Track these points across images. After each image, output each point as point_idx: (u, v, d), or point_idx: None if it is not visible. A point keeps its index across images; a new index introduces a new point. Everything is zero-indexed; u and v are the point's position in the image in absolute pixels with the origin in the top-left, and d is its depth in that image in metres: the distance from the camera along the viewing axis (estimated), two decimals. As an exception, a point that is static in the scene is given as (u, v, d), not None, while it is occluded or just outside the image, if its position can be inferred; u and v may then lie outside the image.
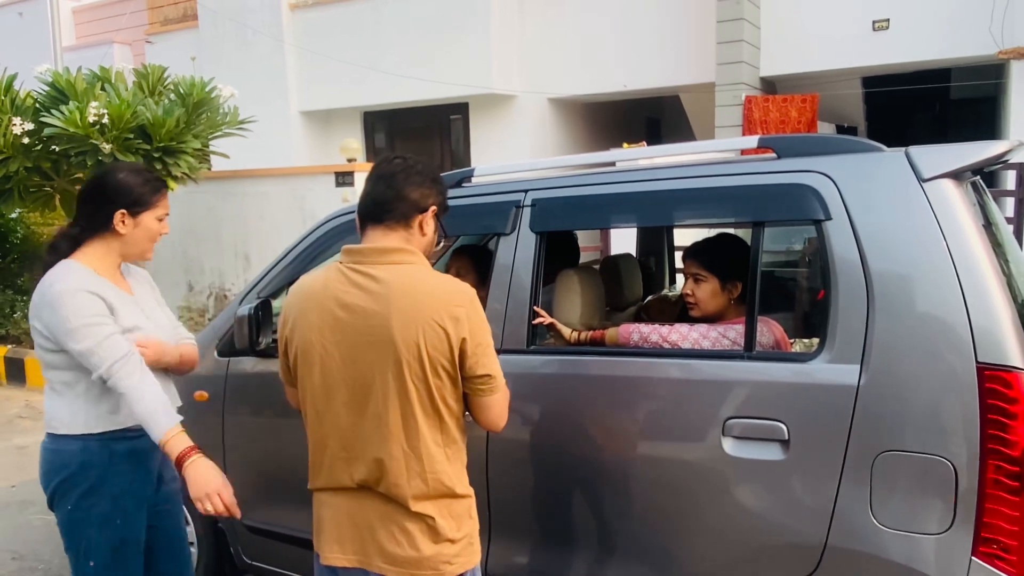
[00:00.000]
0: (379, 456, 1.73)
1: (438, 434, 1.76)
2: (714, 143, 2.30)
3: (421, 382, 1.69)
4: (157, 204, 2.18)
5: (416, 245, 1.80)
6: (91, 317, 2.02)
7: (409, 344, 1.67)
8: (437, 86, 9.72)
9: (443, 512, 1.78)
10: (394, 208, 1.77)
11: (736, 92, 8.56)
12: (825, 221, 1.99)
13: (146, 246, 2.21)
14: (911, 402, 1.85)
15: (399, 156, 1.84)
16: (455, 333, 1.68)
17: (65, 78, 6.34)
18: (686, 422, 2.11)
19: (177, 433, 2.00)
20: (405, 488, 1.73)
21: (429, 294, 1.70)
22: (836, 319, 1.96)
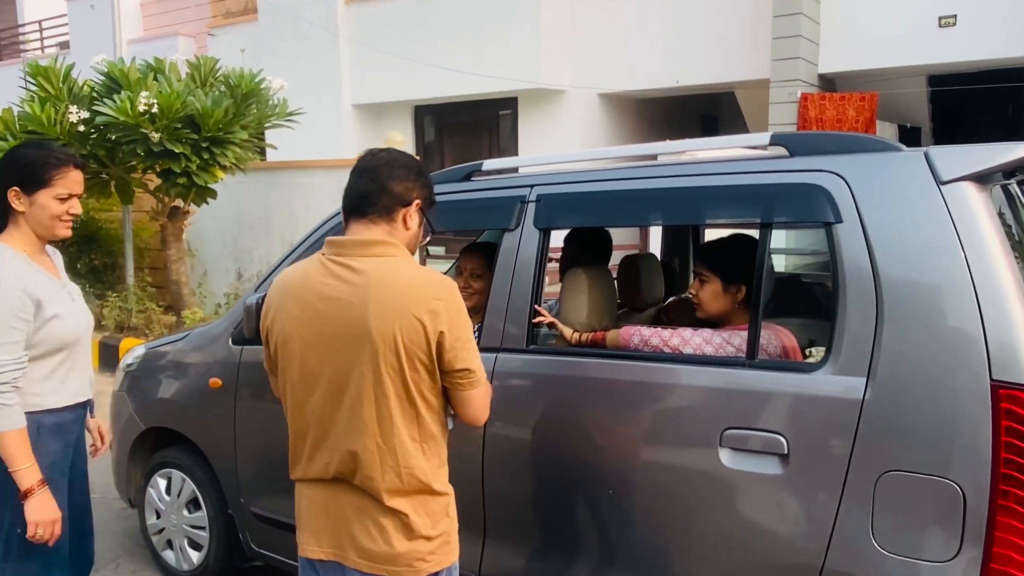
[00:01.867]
0: (353, 448, 1.71)
1: (414, 428, 1.73)
2: (726, 139, 2.19)
3: (397, 375, 1.67)
4: (54, 182, 2.08)
5: (400, 239, 1.77)
6: (10, 319, 2.01)
7: (385, 336, 1.64)
8: (487, 80, 9.70)
9: (418, 509, 1.75)
10: (377, 201, 1.74)
11: (792, 89, 8.29)
12: (835, 224, 1.87)
13: (50, 225, 2.11)
14: (919, 419, 1.73)
15: (383, 150, 1.81)
16: (432, 326, 1.65)
17: (119, 68, 6.52)
18: (683, 430, 2.03)
19: (32, 465, 2.04)
20: (379, 482, 1.71)
21: (407, 286, 1.67)
22: (843, 328, 1.84)
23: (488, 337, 2.37)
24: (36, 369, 2.12)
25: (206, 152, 6.62)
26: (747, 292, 2.21)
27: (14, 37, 17.17)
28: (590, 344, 2.33)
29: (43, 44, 16.06)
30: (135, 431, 3.37)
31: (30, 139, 6.31)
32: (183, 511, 3.24)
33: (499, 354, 2.33)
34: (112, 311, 7.67)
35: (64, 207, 2.12)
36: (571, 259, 2.97)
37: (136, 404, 3.36)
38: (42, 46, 15.98)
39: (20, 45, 16.90)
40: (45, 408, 2.15)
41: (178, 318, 7.48)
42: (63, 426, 2.22)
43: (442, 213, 2.59)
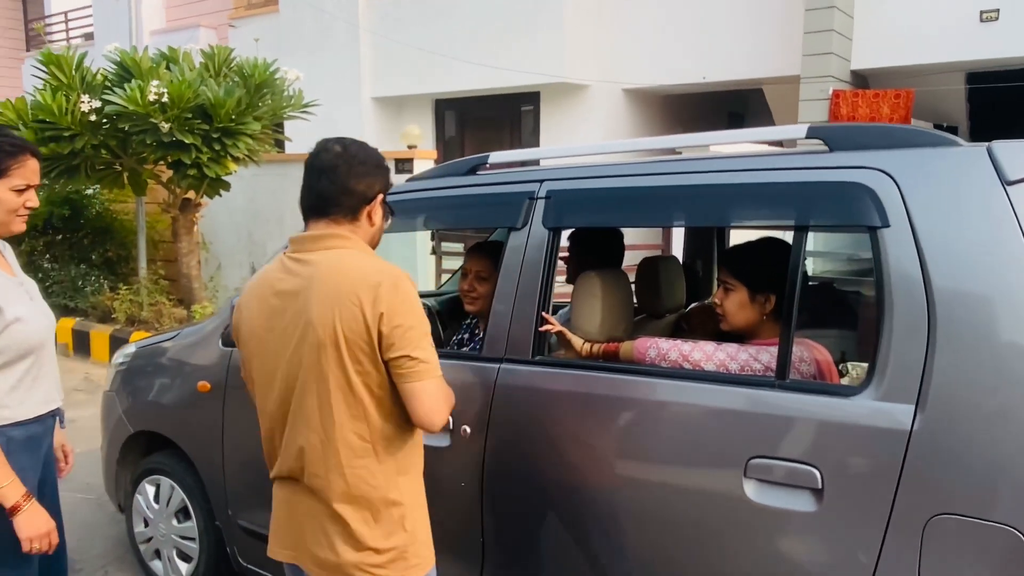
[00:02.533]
0: (300, 444, 1.66)
1: (362, 426, 1.63)
2: (757, 131, 1.96)
3: (338, 366, 1.59)
4: (11, 172, 1.91)
5: (364, 235, 1.73)
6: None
7: (326, 326, 1.58)
8: (509, 74, 9.48)
9: (367, 517, 1.64)
10: (340, 203, 1.68)
11: (823, 85, 7.98)
12: (881, 228, 1.64)
13: (5, 220, 1.95)
14: (976, 456, 1.50)
15: (336, 142, 1.71)
16: (371, 312, 1.56)
17: (131, 57, 6.39)
18: (703, 457, 1.80)
19: (13, 480, 1.91)
20: (324, 482, 1.65)
21: (349, 274, 1.60)
22: (888, 348, 1.61)
23: (491, 346, 2.16)
24: (1, 379, 1.95)
25: (217, 143, 6.48)
26: (777, 302, 1.98)
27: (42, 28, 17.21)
28: (602, 356, 2.11)
29: (68, 35, 16.09)
30: (124, 434, 3.21)
31: (41, 128, 6.21)
32: (172, 520, 3.07)
33: (502, 364, 2.13)
34: (123, 304, 7.57)
35: (21, 200, 1.95)
36: (578, 261, 2.75)
37: (125, 405, 3.20)
38: (67, 37, 16.00)
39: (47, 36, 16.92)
40: (14, 421, 1.98)
41: (188, 312, 7.36)
42: (34, 439, 2.05)
43: (444, 210, 2.41)
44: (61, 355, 7.88)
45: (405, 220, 2.34)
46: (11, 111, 6.31)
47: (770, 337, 1.99)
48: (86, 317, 8.06)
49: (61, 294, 8.14)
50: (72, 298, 8.16)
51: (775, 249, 2.02)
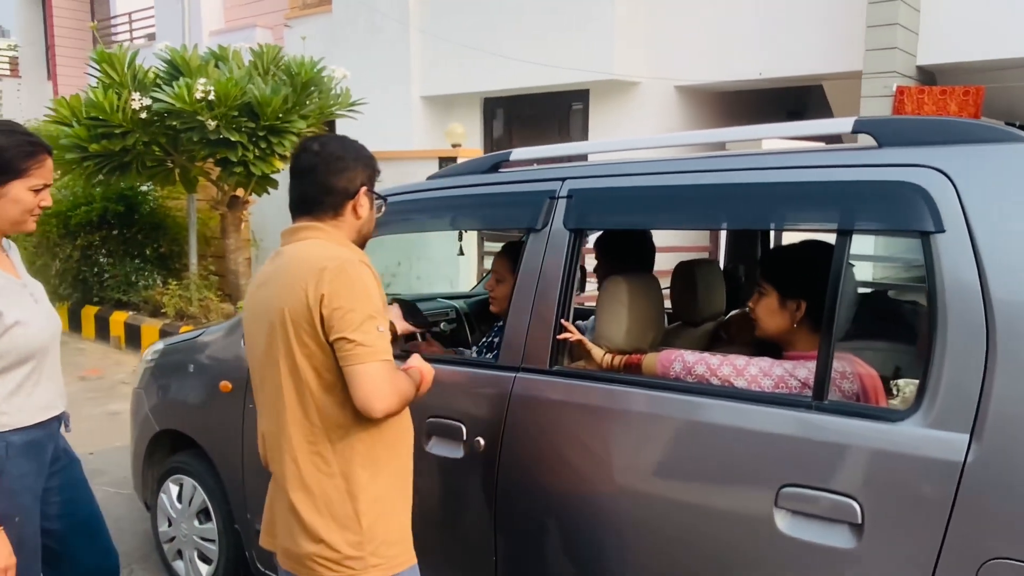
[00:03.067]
0: (263, 431, 1.75)
1: (312, 410, 1.63)
2: (798, 125, 1.79)
3: (286, 350, 1.62)
4: (30, 172, 1.86)
5: (351, 229, 1.75)
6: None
7: (279, 311, 1.62)
8: (557, 72, 9.34)
9: (318, 506, 1.62)
10: (322, 202, 1.72)
11: (887, 82, 7.61)
12: (934, 233, 1.46)
13: (18, 219, 1.90)
14: (1042, 495, 1.31)
15: (315, 141, 1.74)
16: (314, 294, 1.57)
17: (180, 55, 6.46)
18: (729, 483, 1.65)
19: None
20: (279, 467, 1.68)
21: (303, 261, 1.63)
22: (940, 368, 1.44)
23: (507, 354, 2.04)
24: (0, 384, 1.89)
25: (264, 141, 6.51)
26: (809, 309, 1.81)
27: (107, 29, 17.77)
28: (623, 369, 1.97)
29: (132, 35, 16.55)
30: (150, 432, 3.19)
31: (93, 125, 6.33)
32: (194, 521, 3.03)
33: (518, 374, 2.00)
34: (172, 299, 7.69)
35: (37, 199, 1.90)
36: (605, 265, 2.60)
37: (152, 403, 3.18)
38: (131, 37, 16.46)
39: (112, 36, 17.46)
40: (13, 427, 1.92)
41: (235, 307, 7.43)
42: (35, 444, 1.98)
43: (462, 209, 2.29)
44: (114, 348, 8.06)
45: (420, 220, 2.24)
46: (66, 108, 6.44)
47: (807, 348, 1.82)
48: (138, 311, 8.22)
49: (115, 288, 8.32)
50: (125, 292, 8.33)
51: (813, 253, 1.84)
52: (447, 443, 2.09)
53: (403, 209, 2.25)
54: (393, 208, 2.16)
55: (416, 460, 1.82)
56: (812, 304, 1.79)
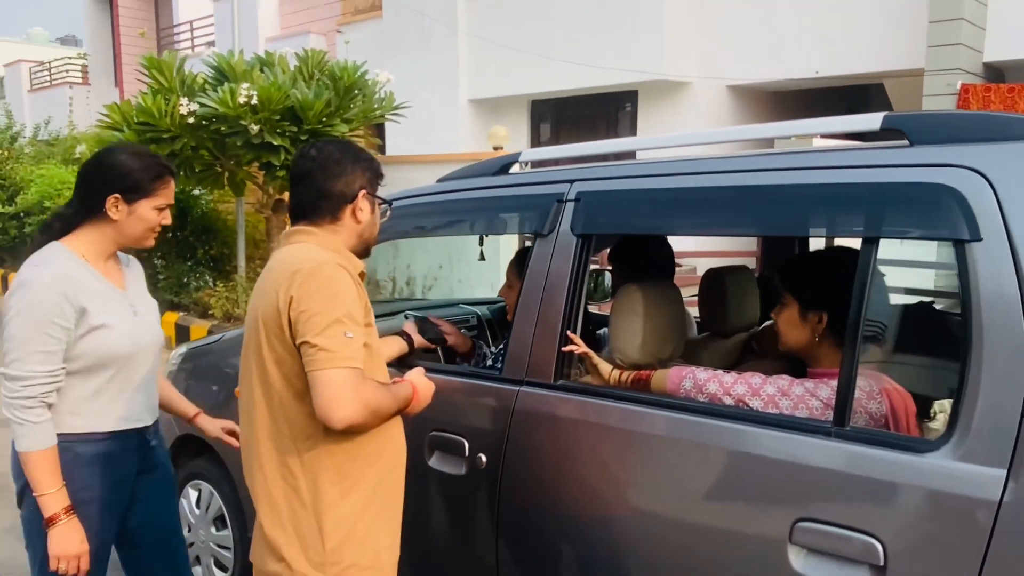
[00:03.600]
0: (240, 439, 1.71)
1: (279, 417, 1.57)
2: (825, 122, 1.64)
3: (257, 354, 1.58)
4: (157, 192, 1.93)
5: (351, 234, 1.70)
6: (44, 325, 1.80)
7: (254, 315, 1.59)
8: (605, 73, 9.19)
9: (283, 522, 1.56)
10: (320, 207, 1.67)
11: (951, 79, 7.25)
12: (970, 241, 1.30)
13: (141, 235, 1.97)
14: (1091, 544, 1.14)
15: (313, 147, 1.69)
16: (284, 296, 1.52)
17: (226, 60, 6.55)
18: (740, 514, 1.50)
19: (58, 490, 1.83)
20: (250, 477, 1.63)
21: (283, 263, 1.58)
22: (975, 393, 1.27)
23: (511, 367, 1.93)
24: (78, 386, 1.89)
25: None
26: (832, 322, 1.65)
27: (170, 36, 18.31)
28: (631, 385, 1.83)
29: (193, 43, 17.00)
30: (172, 436, 3.17)
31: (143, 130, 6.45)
32: (211, 528, 3.00)
33: (522, 388, 1.89)
34: (219, 301, 7.80)
35: (159, 218, 1.97)
36: (619, 272, 2.47)
37: (173, 408, 3.17)
38: (192, 45, 16.91)
39: (175, 44, 17.99)
40: (84, 431, 1.91)
41: (279, 310, 7.49)
42: (107, 456, 1.96)
43: (467, 213, 2.19)
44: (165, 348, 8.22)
45: (425, 225, 2.15)
46: (117, 114, 6.59)
47: (832, 364, 1.66)
48: (188, 312, 8.37)
49: (168, 290, 8.50)
50: (177, 294, 8.50)
51: (836, 260, 1.68)
52: (449, 458, 1.99)
53: (408, 213, 2.17)
54: (398, 213, 2.08)
55: (418, 475, 1.74)
56: (835, 316, 1.63)
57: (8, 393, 1.79)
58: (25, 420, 1.79)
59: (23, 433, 1.80)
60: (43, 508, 1.81)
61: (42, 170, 11.17)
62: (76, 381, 1.88)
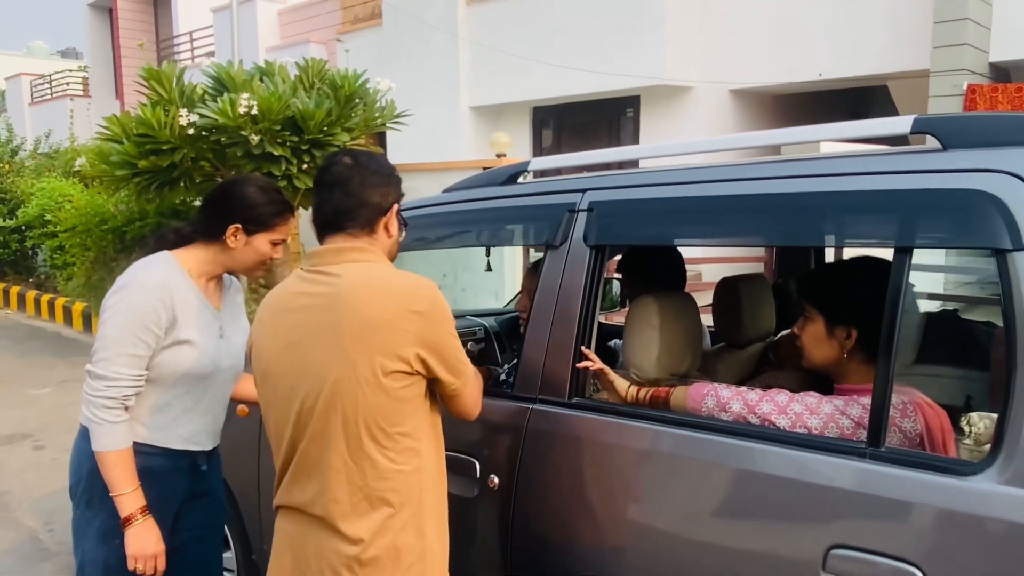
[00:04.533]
0: (321, 468, 1.51)
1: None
2: (850, 126, 1.57)
3: (368, 385, 1.45)
4: (276, 228, 1.98)
5: (381, 248, 1.61)
6: (138, 328, 1.81)
7: (360, 346, 1.45)
8: (607, 78, 9.14)
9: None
10: (357, 216, 1.57)
11: (956, 80, 7.18)
12: (1011, 251, 1.23)
13: (252, 266, 2.00)
14: None
15: (345, 154, 1.61)
16: (414, 338, 1.46)
17: (226, 70, 6.50)
18: (769, 540, 1.43)
19: (134, 489, 1.84)
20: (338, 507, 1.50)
21: (384, 293, 1.49)
22: (1021, 412, 1.19)
23: (523, 383, 1.86)
24: (149, 396, 1.89)
25: (307, 155, 6.49)
26: (861, 337, 1.58)
27: (170, 47, 18.31)
28: (649, 402, 1.76)
29: (193, 53, 16.98)
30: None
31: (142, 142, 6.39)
32: (213, 548, 2.93)
33: (534, 406, 1.82)
34: (221, 313, 7.75)
35: (272, 251, 2.00)
36: (630, 284, 2.39)
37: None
38: (192, 55, 16.89)
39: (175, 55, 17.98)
40: (142, 442, 1.89)
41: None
42: (158, 472, 1.93)
43: (475, 224, 2.13)
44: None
45: (431, 237, 2.08)
46: (116, 125, 6.53)
47: (861, 381, 1.58)
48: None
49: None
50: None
51: (865, 272, 1.61)
52: (459, 480, 1.92)
53: (414, 225, 2.10)
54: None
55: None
56: (865, 332, 1.56)
57: (91, 391, 1.81)
58: (104, 420, 1.80)
59: (101, 432, 1.81)
60: (120, 508, 1.82)
61: (43, 183, 11.13)
62: (147, 390, 1.88)
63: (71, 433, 2.01)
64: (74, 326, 9.89)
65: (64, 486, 2.05)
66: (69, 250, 9.34)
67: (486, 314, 3.37)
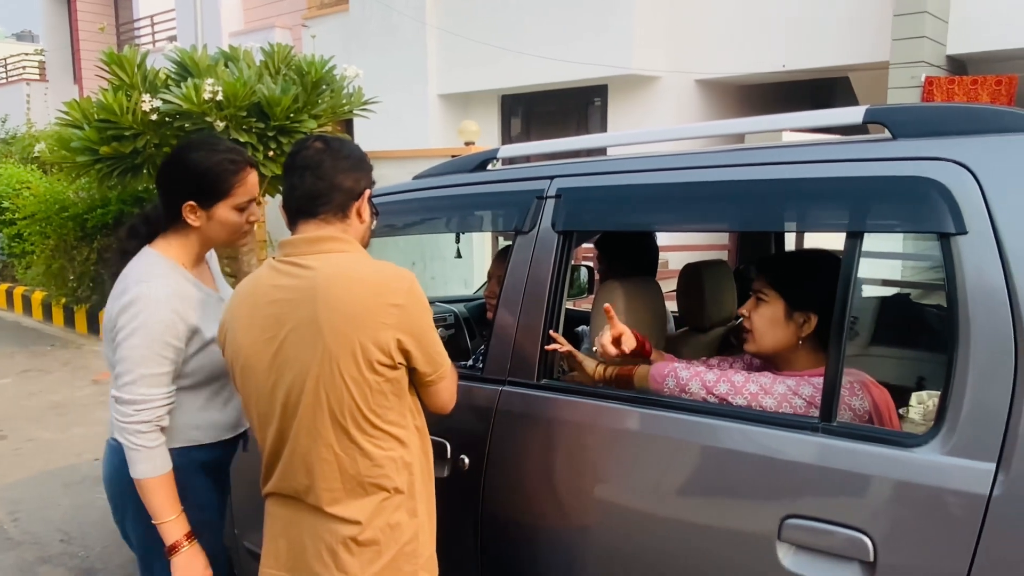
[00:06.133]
0: (309, 459, 1.52)
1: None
2: (804, 116, 1.63)
3: (353, 381, 1.47)
4: (234, 191, 1.77)
5: (355, 234, 1.60)
6: (159, 347, 1.70)
7: (340, 338, 1.45)
8: (575, 67, 9.18)
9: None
10: (330, 200, 1.56)
11: (915, 72, 7.35)
12: (955, 235, 1.30)
13: (228, 239, 1.85)
14: (1081, 536, 1.15)
15: (317, 139, 1.60)
16: (392, 332, 1.46)
17: (189, 55, 6.41)
18: (727, 512, 1.49)
19: (178, 516, 1.73)
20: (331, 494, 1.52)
21: (361, 283, 1.48)
22: (962, 387, 1.27)
23: (493, 366, 1.90)
24: (190, 400, 1.82)
25: (274, 142, 6.43)
26: (819, 326, 1.65)
27: (130, 32, 17.93)
28: (615, 382, 1.81)
29: (155, 38, 16.66)
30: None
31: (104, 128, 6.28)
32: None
33: (504, 388, 1.86)
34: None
35: (243, 217, 1.82)
36: (604, 269, 2.45)
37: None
38: (153, 40, 16.57)
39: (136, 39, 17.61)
40: (201, 442, 1.85)
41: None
42: (216, 464, 1.92)
43: (444, 211, 2.16)
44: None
45: (399, 224, 2.11)
46: (76, 111, 6.41)
47: (806, 367, 1.65)
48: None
49: (132, 289, 8.32)
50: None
51: (827, 265, 1.66)
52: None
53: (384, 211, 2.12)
54: (374, 210, 2.03)
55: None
56: (823, 319, 1.62)
57: (121, 418, 1.69)
58: (140, 446, 1.68)
59: (138, 459, 1.69)
60: (164, 536, 1.71)
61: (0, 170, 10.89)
62: (188, 396, 1.81)
63: (34, 423, 1.95)
64: (34, 315, 9.71)
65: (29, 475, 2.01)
66: (28, 238, 9.15)
67: (456, 301, 3.41)
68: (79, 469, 4.49)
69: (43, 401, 5.92)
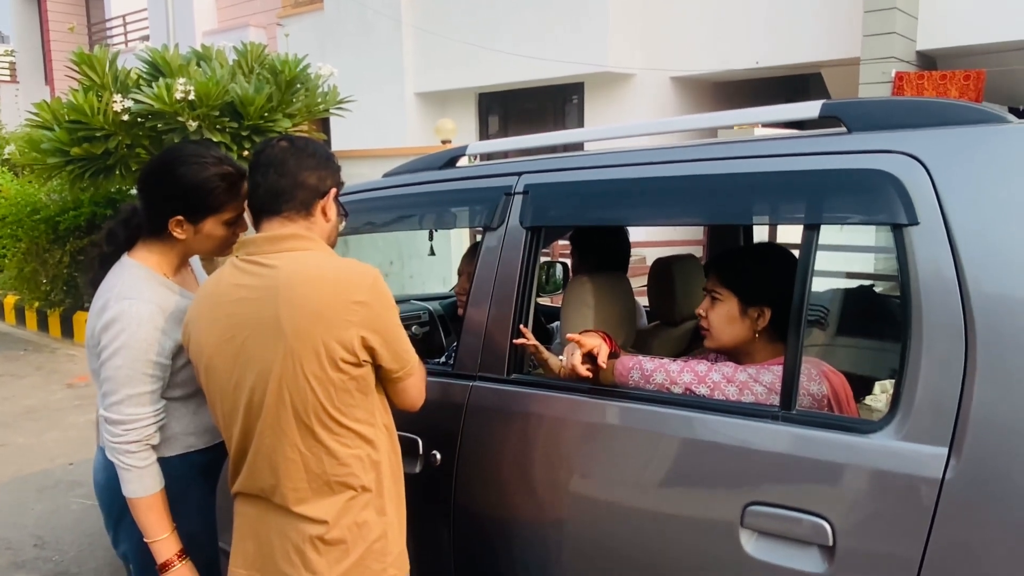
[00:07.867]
0: (274, 459, 1.52)
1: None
2: (764, 111, 1.66)
3: (316, 379, 1.46)
4: (225, 207, 1.72)
5: (319, 233, 1.59)
6: (144, 365, 1.66)
7: (303, 338, 1.45)
8: (551, 65, 9.22)
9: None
10: (293, 197, 1.55)
11: (885, 68, 7.46)
12: (907, 226, 1.33)
13: (214, 251, 1.82)
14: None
15: (282, 139, 1.60)
16: (356, 330, 1.46)
17: (161, 55, 6.35)
18: (690, 500, 1.52)
19: (170, 534, 1.71)
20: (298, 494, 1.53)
21: (324, 281, 1.48)
22: (915, 375, 1.30)
23: (463, 361, 1.91)
24: (184, 409, 1.79)
25: (248, 141, 6.39)
26: (775, 317, 1.69)
27: (102, 31, 17.71)
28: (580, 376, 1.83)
29: (127, 38, 16.47)
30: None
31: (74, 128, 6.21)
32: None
33: (474, 383, 1.88)
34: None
35: (231, 231, 1.77)
36: (577, 264, 2.48)
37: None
38: (125, 40, 16.39)
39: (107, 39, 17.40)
40: (198, 447, 1.83)
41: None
42: (215, 465, 1.91)
43: (414, 208, 2.17)
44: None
45: (369, 222, 2.12)
46: (47, 112, 6.33)
47: (766, 358, 1.69)
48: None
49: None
50: (116, 296, 8.25)
51: (775, 257, 1.71)
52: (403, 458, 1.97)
53: (355, 209, 2.13)
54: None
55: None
56: (777, 311, 1.66)
57: (111, 438, 1.67)
58: (131, 466, 1.67)
59: (129, 479, 1.67)
60: (156, 554, 1.69)
61: (-31, 172, 10.72)
62: (181, 405, 1.79)
63: (7, 428, 1.93)
64: (7, 320, 9.58)
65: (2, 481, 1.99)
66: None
67: (431, 298, 3.42)
68: (52, 474, 4.45)
69: (16, 406, 5.84)
